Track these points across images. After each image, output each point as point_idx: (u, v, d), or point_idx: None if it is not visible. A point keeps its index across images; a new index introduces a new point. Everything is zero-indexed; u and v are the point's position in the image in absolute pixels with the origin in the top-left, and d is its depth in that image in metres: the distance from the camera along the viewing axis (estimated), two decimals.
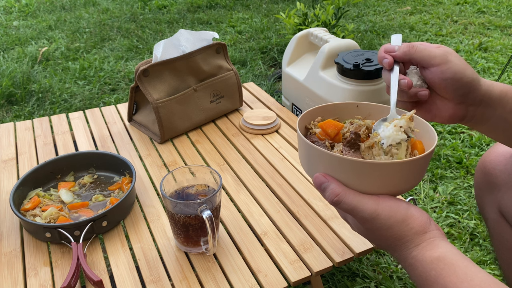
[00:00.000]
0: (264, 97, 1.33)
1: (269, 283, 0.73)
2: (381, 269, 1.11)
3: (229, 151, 1.08)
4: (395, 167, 0.49)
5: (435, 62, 0.57)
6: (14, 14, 3.06)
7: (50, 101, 1.90)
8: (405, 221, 0.49)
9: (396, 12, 3.04)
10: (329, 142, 0.57)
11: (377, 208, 0.49)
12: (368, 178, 0.49)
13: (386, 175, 0.49)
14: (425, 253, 0.47)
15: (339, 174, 0.51)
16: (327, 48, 1.24)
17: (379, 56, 0.61)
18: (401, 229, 0.49)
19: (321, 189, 0.52)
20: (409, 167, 0.50)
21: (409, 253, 0.49)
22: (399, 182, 0.50)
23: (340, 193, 0.50)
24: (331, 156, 0.50)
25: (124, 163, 0.94)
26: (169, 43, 1.12)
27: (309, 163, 0.54)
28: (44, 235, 0.80)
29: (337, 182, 0.51)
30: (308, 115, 0.60)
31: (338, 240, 0.81)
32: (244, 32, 2.68)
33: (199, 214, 0.73)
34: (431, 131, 0.55)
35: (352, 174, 0.50)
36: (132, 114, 1.20)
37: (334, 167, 0.50)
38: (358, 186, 0.50)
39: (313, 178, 0.52)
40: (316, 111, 0.61)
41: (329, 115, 0.61)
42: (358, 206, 0.49)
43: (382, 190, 0.50)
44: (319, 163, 0.52)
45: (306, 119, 0.60)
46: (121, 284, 0.73)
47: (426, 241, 0.48)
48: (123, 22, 2.88)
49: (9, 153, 1.07)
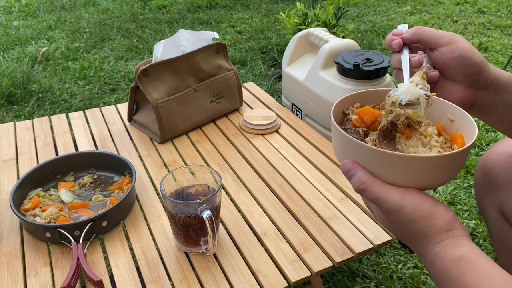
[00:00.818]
0: (264, 97, 1.33)
1: (269, 283, 0.73)
2: (381, 269, 1.11)
3: (229, 151, 1.08)
4: (428, 162, 0.47)
5: (444, 42, 0.57)
6: (14, 14, 3.06)
7: (50, 101, 1.90)
8: (429, 216, 0.48)
9: (396, 12, 3.04)
10: (363, 130, 0.55)
11: (402, 201, 0.48)
12: (396, 170, 0.48)
13: (417, 169, 0.48)
14: (447, 250, 0.47)
15: (367, 163, 0.50)
16: (327, 48, 1.24)
17: (387, 39, 0.60)
18: (424, 224, 0.48)
19: (348, 176, 0.51)
20: (442, 162, 0.48)
21: (431, 249, 0.48)
22: (430, 177, 0.49)
23: (366, 181, 0.50)
24: (360, 146, 0.49)
25: (124, 163, 0.94)
26: (169, 43, 1.12)
27: (339, 150, 0.54)
28: (44, 235, 0.80)
29: (364, 170, 0.50)
30: (347, 100, 0.58)
31: (338, 240, 0.81)
32: (244, 32, 2.68)
33: (199, 214, 0.73)
34: (471, 125, 0.52)
35: (380, 165, 0.49)
36: (132, 114, 1.20)
37: (363, 156, 0.50)
38: (386, 177, 0.49)
39: (341, 165, 0.52)
40: (355, 96, 0.59)
41: (369, 102, 0.59)
42: (383, 196, 0.49)
43: (411, 184, 0.49)
44: (349, 151, 0.51)
45: (345, 104, 0.58)
46: (121, 284, 0.73)
47: (450, 239, 0.47)
48: (123, 22, 2.88)
49: (9, 153, 1.07)
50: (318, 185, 0.96)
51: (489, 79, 0.59)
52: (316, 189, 0.95)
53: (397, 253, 1.17)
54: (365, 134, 0.55)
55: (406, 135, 0.53)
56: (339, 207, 0.89)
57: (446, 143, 0.54)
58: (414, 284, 1.07)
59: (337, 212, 0.88)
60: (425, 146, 0.52)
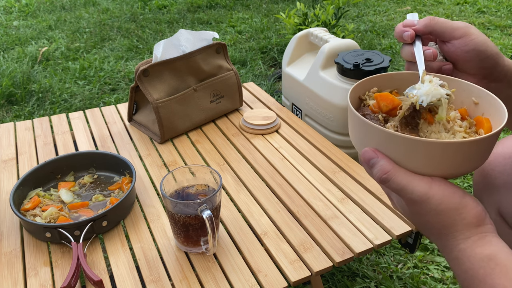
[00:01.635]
0: (264, 97, 1.33)
1: (269, 283, 0.73)
2: (381, 269, 1.11)
3: (229, 151, 1.08)
4: (455, 147, 0.44)
5: (457, 34, 0.54)
6: (14, 14, 3.06)
7: (50, 101, 1.90)
8: (458, 209, 0.45)
9: (396, 12, 3.04)
10: (382, 116, 0.52)
11: (428, 191, 0.45)
12: (422, 158, 0.45)
13: (443, 156, 0.44)
14: (475, 248, 0.44)
15: (390, 151, 0.46)
16: (327, 48, 1.24)
17: (398, 31, 0.57)
18: (451, 217, 0.45)
19: (369, 165, 0.48)
20: (470, 148, 0.44)
21: (456, 244, 0.45)
22: (457, 164, 0.45)
23: (390, 171, 0.46)
24: (382, 132, 0.46)
25: (124, 163, 0.94)
26: (169, 43, 1.12)
27: (358, 137, 0.50)
28: (44, 235, 0.80)
29: (387, 158, 0.47)
30: (363, 85, 0.55)
31: (338, 240, 0.81)
32: (244, 32, 2.68)
33: (199, 214, 0.73)
34: (500, 108, 0.49)
35: (405, 152, 0.45)
36: (132, 114, 1.20)
37: (385, 143, 0.46)
38: (410, 165, 0.46)
39: (361, 153, 0.49)
40: (373, 80, 0.56)
41: (387, 86, 0.56)
42: (408, 186, 0.46)
43: (437, 172, 0.46)
44: (369, 138, 0.48)
45: (361, 89, 0.55)
46: (121, 284, 0.73)
47: (478, 235, 0.44)
48: (123, 22, 2.88)
49: (9, 153, 1.07)
50: (318, 185, 0.96)
51: (503, 71, 0.56)
52: (316, 189, 0.95)
53: (397, 253, 1.17)
54: (385, 120, 0.52)
55: (428, 121, 0.50)
56: (339, 207, 0.89)
57: (470, 128, 0.51)
58: (414, 284, 1.08)
59: (337, 212, 0.88)
60: (448, 132, 0.49)
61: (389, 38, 2.60)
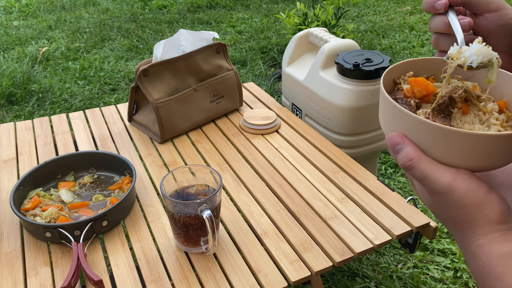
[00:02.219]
0: (264, 97, 1.33)
1: (269, 283, 0.73)
2: (381, 269, 1.12)
3: (229, 151, 1.08)
4: (487, 140, 0.42)
5: (492, 7, 0.53)
6: (14, 14, 3.06)
7: (50, 101, 1.90)
8: (481, 205, 0.43)
9: (396, 12, 3.05)
10: (415, 101, 0.50)
11: (452, 183, 0.44)
12: (450, 148, 0.43)
13: (473, 148, 0.43)
14: (494, 245, 0.42)
15: (417, 138, 0.45)
16: (327, 48, 1.24)
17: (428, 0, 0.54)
18: (473, 212, 0.44)
19: (395, 151, 0.47)
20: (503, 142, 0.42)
21: (475, 240, 0.44)
22: (487, 158, 0.44)
23: (415, 158, 0.45)
24: (410, 117, 0.44)
25: (124, 163, 0.94)
26: (169, 43, 1.12)
27: (386, 121, 0.49)
28: (44, 235, 0.80)
29: (413, 145, 0.45)
30: (399, 68, 0.53)
31: (338, 240, 0.81)
32: (244, 32, 2.68)
33: (199, 214, 0.73)
34: None
35: (432, 140, 0.44)
36: (132, 114, 1.20)
37: (412, 129, 0.45)
38: (437, 154, 0.44)
39: (388, 138, 0.47)
40: (409, 64, 0.53)
41: (424, 71, 0.54)
42: (431, 175, 0.44)
43: (464, 164, 0.44)
44: (397, 123, 0.46)
45: (396, 72, 0.53)
46: (121, 283, 0.74)
47: (498, 232, 0.43)
48: (123, 22, 2.88)
49: (9, 153, 1.07)
50: (318, 185, 0.96)
51: None
52: (316, 189, 0.95)
53: (397, 253, 1.17)
54: (417, 106, 0.50)
55: (462, 110, 0.48)
56: (339, 207, 0.89)
57: (507, 122, 0.48)
58: (414, 284, 1.08)
59: (337, 212, 0.88)
60: (482, 124, 0.47)
61: (389, 38, 2.60)
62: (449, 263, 1.15)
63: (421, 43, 2.52)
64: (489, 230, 0.43)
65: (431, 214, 1.30)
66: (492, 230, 0.43)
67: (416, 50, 2.43)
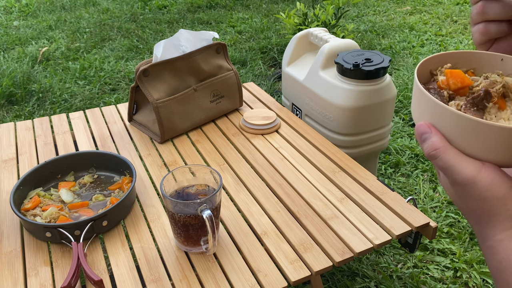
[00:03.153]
0: (264, 97, 1.33)
1: (269, 283, 0.73)
2: (381, 269, 1.12)
3: (229, 151, 1.08)
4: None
5: None
6: (15, 14, 3.06)
7: (51, 101, 1.90)
8: (504, 199, 0.43)
9: (396, 12, 3.05)
10: (448, 93, 0.49)
11: (476, 175, 0.43)
12: (477, 140, 0.43)
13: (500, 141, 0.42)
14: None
15: (445, 128, 0.45)
16: (327, 48, 1.24)
17: None
18: (495, 205, 0.43)
19: (421, 140, 0.47)
20: None
21: (494, 234, 0.43)
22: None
23: (440, 148, 0.45)
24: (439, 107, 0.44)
25: (124, 163, 0.95)
26: (169, 43, 1.12)
27: (417, 110, 0.49)
28: (44, 235, 0.80)
29: (440, 135, 0.45)
30: (437, 59, 0.52)
31: (338, 240, 0.81)
32: (244, 32, 2.68)
33: (199, 213, 0.73)
34: None
35: (460, 131, 0.44)
36: (132, 114, 1.20)
37: (441, 119, 0.45)
38: (463, 146, 0.44)
39: (416, 126, 0.47)
40: (449, 56, 0.53)
41: (464, 64, 0.53)
42: (455, 166, 0.44)
43: (490, 157, 0.44)
44: (426, 112, 0.46)
45: (434, 63, 0.52)
46: (121, 283, 0.74)
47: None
48: (123, 22, 2.88)
49: (10, 153, 1.07)
50: (318, 185, 0.96)
51: None
52: (316, 189, 0.95)
53: (397, 253, 1.17)
54: (450, 97, 0.49)
55: (499, 106, 0.47)
56: (339, 207, 0.89)
57: None
58: (413, 283, 1.08)
59: (337, 212, 0.88)
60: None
61: (389, 38, 2.60)
62: (449, 263, 1.15)
63: (421, 43, 2.52)
64: (509, 226, 0.43)
65: (431, 214, 1.30)
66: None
67: (416, 50, 2.43)
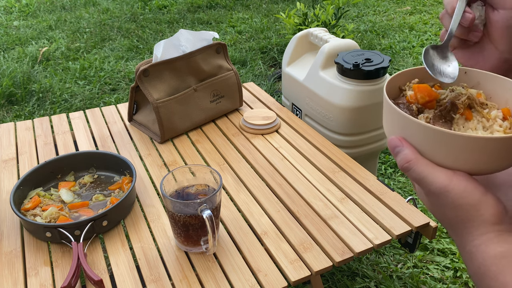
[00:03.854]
0: (264, 97, 1.33)
1: (269, 283, 0.73)
2: (380, 269, 1.12)
3: (229, 151, 1.08)
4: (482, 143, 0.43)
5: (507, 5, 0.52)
6: (15, 14, 3.06)
7: (51, 101, 1.90)
8: (476, 206, 0.44)
9: (396, 12, 3.05)
10: (417, 106, 0.51)
11: (448, 184, 0.45)
12: (447, 150, 0.44)
13: (467, 150, 0.44)
14: (489, 245, 0.43)
15: (415, 141, 0.47)
16: (327, 48, 1.24)
17: None
18: (469, 212, 0.44)
19: (394, 153, 0.48)
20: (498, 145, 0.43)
21: (471, 240, 0.45)
22: (483, 161, 0.45)
23: (412, 159, 0.46)
24: (408, 121, 0.46)
25: (124, 163, 0.95)
26: (169, 43, 1.12)
27: (388, 125, 0.51)
28: (44, 235, 0.80)
29: (411, 148, 0.47)
30: (405, 75, 0.55)
31: (338, 240, 0.81)
32: (244, 32, 2.68)
33: (199, 213, 0.73)
34: None
35: (430, 143, 0.45)
36: (132, 114, 1.20)
37: (411, 132, 0.47)
38: (434, 156, 0.46)
39: (388, 140, 0.49)
40: (415, 71, 0.55)
41: (430, 79, 0.55)
42: (428, 177, 0.46)
43: (461, 166, 0.45)
44: (397, 126, 0.48)
45: (402, 79, 0.55)
46: (121, 283, 0.74)
47: (494, 233, 0.44)
48: (123, 22, 2.88)
49: (10, 153, 1.07)
50: (318, 185, 0.96)
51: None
52: (316, 189, 0.95)
53: (397, 253, 1.17)
54: (419, 111, 0.51)
55: (466, 117, 0.49)
56: (339, 207, 0.89)
57: (511, 128, 0.49)
58: (413, 283, 1.08)
59: (337, 212, 0.88)
60: (486, 130, 0.48)
61: (389, 38, 2.60)
62: (449, 263, 1.15)
63: (421, 43, 2.52)
64: (485, 231, 0.44)
65: (431, 214, 1.30)
66: (487, 230, 0.44)
67: (416, 50, 2.43)
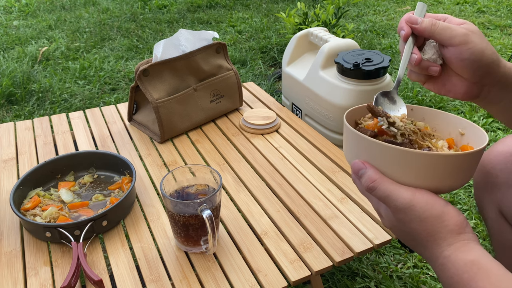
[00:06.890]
0: (264, 97, 1.33)
1: (269, 283, 0.73)
2: (381, 269, 1.12)
3: (229, 151, 1.08)
4: (442, 160, 0.47)
5: (454, 42, 0.56)
6: (14, 13, 3.06)
7: (50, 100, 1.90)
8: (440, 217, 0.47)
9: (396, 12, 3.05)
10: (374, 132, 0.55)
11: (412, 199, 0.48)
12: (408, 169, 0.48)
13: (429, 168, 0.48)
14: (458, 254, 0.46)
15: (377, 161, 0.50)
16: (327, 48, 1.24)
17: (399, 25, 0.60)
18: (435, 224, 0.47)
19: (358, 176, 0.51)
20: (455, 161, 0.48)
21: (441, 251, 0.47)
22: (442, 178, 0.49)
23: (377, 179, 0.49)
24: (370, 142, 0.50)
25: (124, 163, 0.94)
26: (169, 43, 1.12)
27: (350, 150, 0.54)
28: (44, 235, 0.80)
29: (374, 169, 0.50)
30: (357, 111, 0.60)
31: (338, 240, 0.81)
32: (244, 31, 2.68)
33: (199, 213, 0.73)
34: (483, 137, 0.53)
35: (391, 163, 0.49)
36: (132, 114, 1.20)
37: (372, 154, 0.50)
38: (396, 175, 0.49)
39: (351, 164, 0.52)
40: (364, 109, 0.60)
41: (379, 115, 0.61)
42: (392, 194, 0.49)
43: (421, 183, 0.49)
44: (359, 150, 0.52)
45: (356, 114, 0.60)
46: (121, 283, 0.74)
47: (460, 242, 0.47)
48: (123, 21, 2.88)
49: (9, 152, 1.07)
50: (318, 185, 0.96)
51: (497, 78, 0.58)
52: (316, 189, 0.95)
53: (397, 253, 1.17)
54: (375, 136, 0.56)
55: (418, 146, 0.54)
56: (339, 207, 0.89)
57: None
58: (414, 283, 1.08)
59: (337, 212, 0.88)
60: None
61: (389, 37, 2.60)
62: None
63: None
64: (452, 241, 0.47)
65: None
66: (454, 240, 0.47)
67: None
